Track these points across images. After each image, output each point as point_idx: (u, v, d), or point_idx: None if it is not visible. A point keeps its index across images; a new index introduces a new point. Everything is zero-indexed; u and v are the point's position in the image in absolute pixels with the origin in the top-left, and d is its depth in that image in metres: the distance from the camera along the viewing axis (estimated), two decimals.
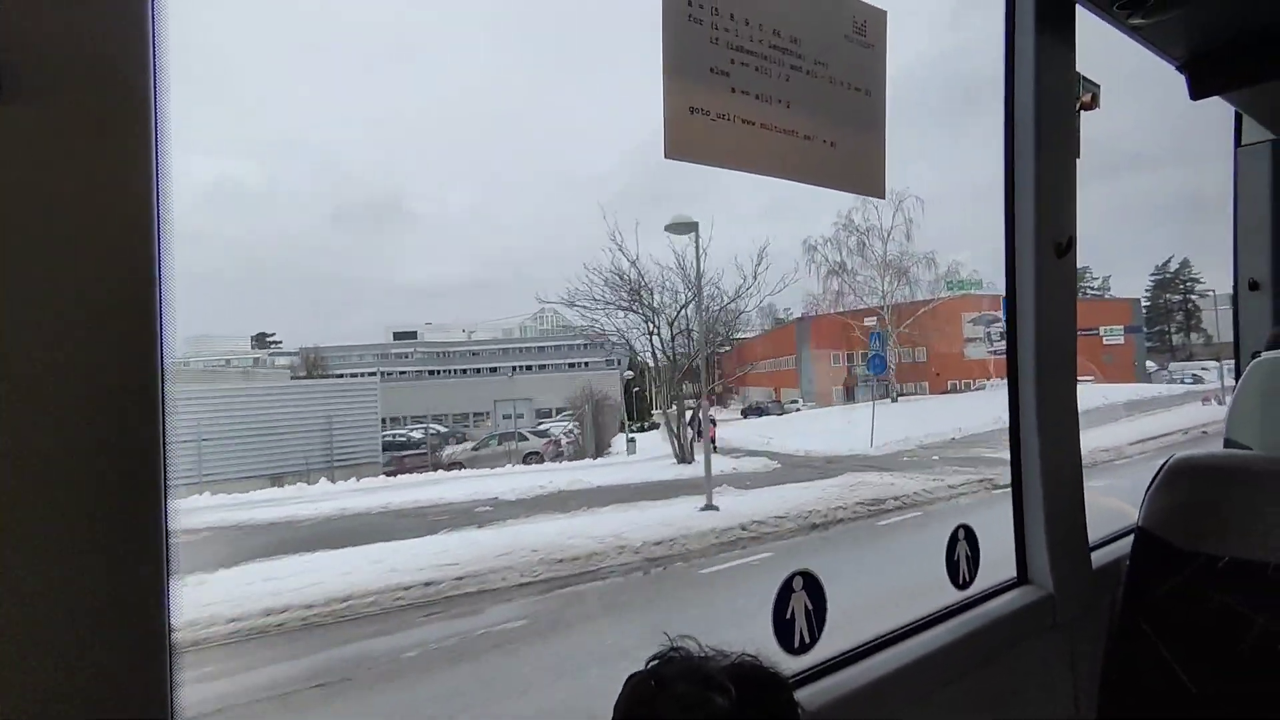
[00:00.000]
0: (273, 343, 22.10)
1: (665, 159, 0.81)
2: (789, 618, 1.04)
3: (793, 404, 23.33)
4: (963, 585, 1.31)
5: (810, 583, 1.06)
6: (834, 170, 0.97)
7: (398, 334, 23.78)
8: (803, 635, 1.05)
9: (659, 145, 0.80)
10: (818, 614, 1.06)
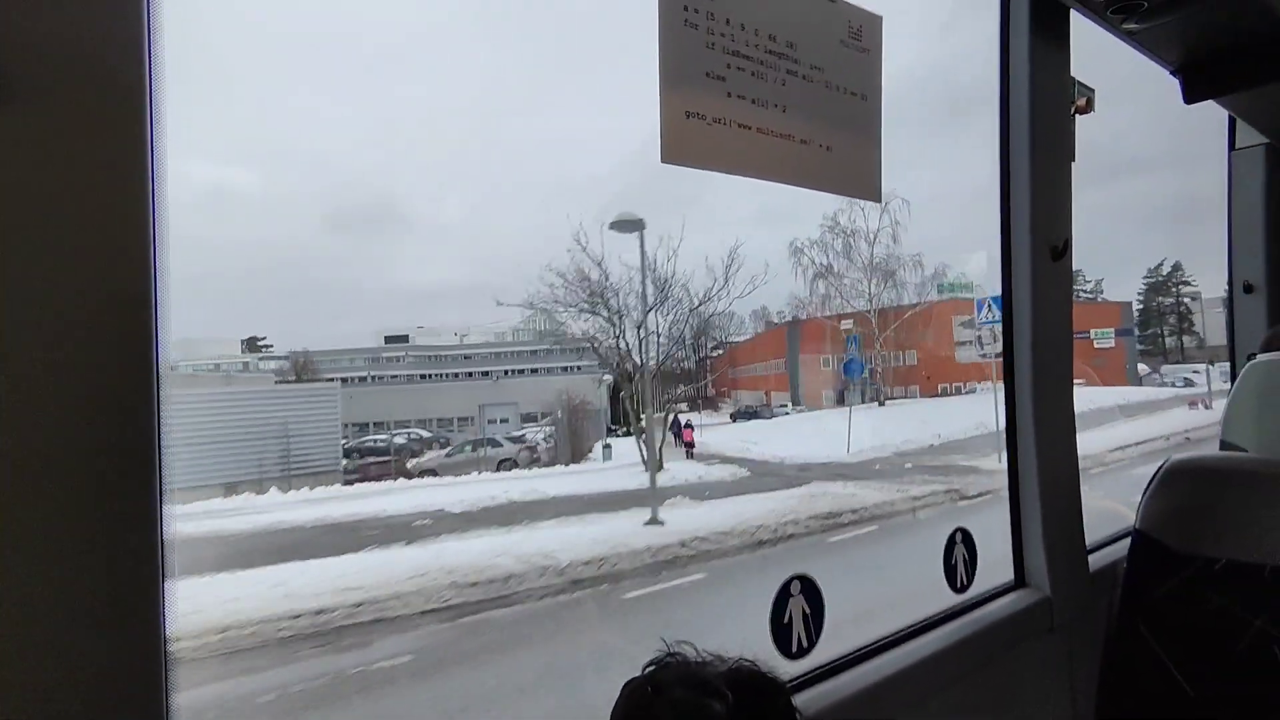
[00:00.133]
0: (264, 347, 21.92)
1: (662, 163, 0.81)
2: (786, 622, 1.04)
3: (781, 408, 23.27)
4: (960, 588, 1.31)
5: (808, 587, 1.06)
6: (830, 174, 0.97)
7: (389, 338, 23.63)
8: (800, 640, 1.05)
9: (655, 149, 0.80)
10: (815, 618, 1.06)
